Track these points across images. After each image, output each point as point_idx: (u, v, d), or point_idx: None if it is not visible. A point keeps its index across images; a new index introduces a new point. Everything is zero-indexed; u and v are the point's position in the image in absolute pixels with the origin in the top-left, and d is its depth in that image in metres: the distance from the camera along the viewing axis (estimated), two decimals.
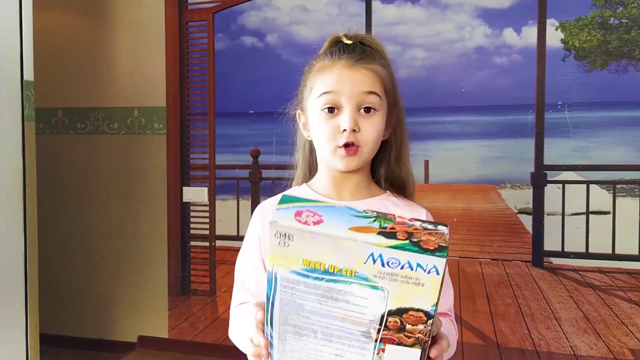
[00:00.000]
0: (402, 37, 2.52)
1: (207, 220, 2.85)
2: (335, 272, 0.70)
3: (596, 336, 2.31)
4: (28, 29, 2.01)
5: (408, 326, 0.72)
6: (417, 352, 0.73)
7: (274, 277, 0.73)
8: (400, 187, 1.08)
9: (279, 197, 1.08)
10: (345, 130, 0.95)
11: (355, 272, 0.70)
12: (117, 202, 2.96)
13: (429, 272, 0.68)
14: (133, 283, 2.96)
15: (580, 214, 2.35)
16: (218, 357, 2.73)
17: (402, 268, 0.68)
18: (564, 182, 2.37)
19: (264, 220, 1.03)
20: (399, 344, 0.73)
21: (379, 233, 0.70)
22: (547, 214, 2.38)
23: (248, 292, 1.03)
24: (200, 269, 2.87)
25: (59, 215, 3.03)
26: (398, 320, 0.72)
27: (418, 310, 0.70)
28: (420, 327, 0.72)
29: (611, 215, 2.31)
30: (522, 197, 2.41)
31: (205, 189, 2.84)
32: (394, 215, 0.73)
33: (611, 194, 2.31)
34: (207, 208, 2.85)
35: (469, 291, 2.47)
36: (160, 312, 2.92)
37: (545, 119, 2.36)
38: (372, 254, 0.69)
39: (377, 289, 0.70)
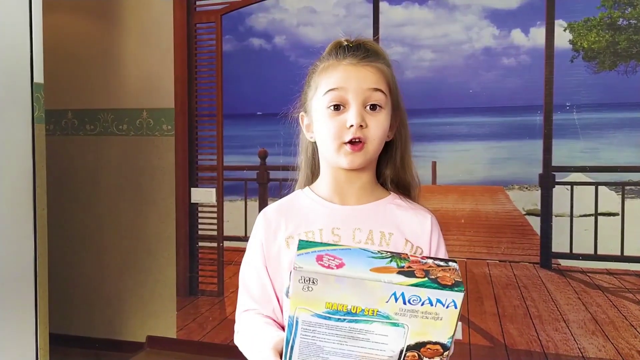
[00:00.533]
0: (409, 38, 2.52)
1: (215, 221, 2.86)
2: (357, 312, 0.73)
3: (605, 338, 2.30)
4: (38, 32, 2.03)
5: (425, 359, 0.75)
6: None
7: (295, 322, 0.75)
8: (405, 189, 1.08)
9: (280, 202, 1.09)
10: (352, 126, 0.96)
11: (378, 311, 0.73)
12: (126, 202, 2.98)
13: (447, 307, 0.72)
14: (142, 283, 2.98)
15: (589, 215, 2.34)
16: (226, 358, 2.74)
17: (422, 304, 0.72)
18: (572, 184, 2.36)
19: (267, 227, 1.04)
20: None
21: (399, 272, 0.73)
22: (555, 216, 2.38)
23: (252, 299, 1.04)
24: (208, 270, 2.88)
25: (68, 216, 3.05)
26: (416, 355, 0.75)
27: (435, 343, 0.74)
28: (437, 359, 0.75)
29: (620, 216, 2.30)
30: (530, 199, 2.40)
31: (214, 190, 2.85)
32: (406, 254, 0.78)
33: (620, 196, 2.30)
34: (215, 209, 2.86)
35: (477, 293, 2.47)
36: (168, 312, 2.94)
37: (554, 120, 2.35)
38: (394, 293, 0.72)
39: (398, 325, 0.73)
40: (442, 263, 0.77)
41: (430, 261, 0.77)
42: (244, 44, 2.77)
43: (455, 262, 0.78)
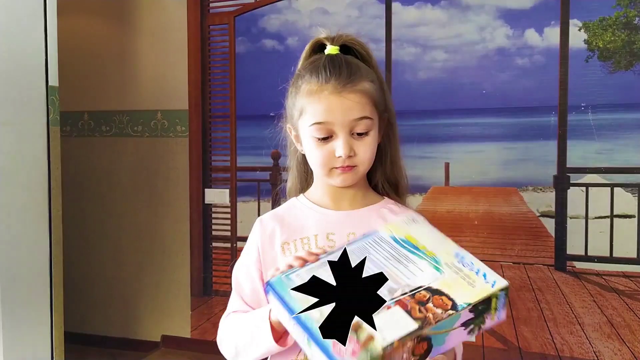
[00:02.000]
0: (422, 38, 2.50)
1: (228, 221, 2.87)
2: (421, 249, 0.84)
3: (620, 342, 2.27)
4: (52, 35, 2.06)
5: (430, 304, 0.77)
6: (414, 324, 0.75)
7: (372, 233, 0.87)
8: (393, 186, 1.09)
9: (277, 210, 1.09)
10: (340, 156, 0.96)
11: (435, 255, 0.82)
12: (141, 203, 3.01)
13: (487, 282, 0.79)
14: (156, 283, 3.01)
15: (604, 217, 2.31)
16: None
17: (470, 269, 0.80)
18: (587, 185, 2.33)
19: (264, 233, 1.05)
20: (408, 311, 0.76)
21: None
22: (570, 217, 2.35)
23: (244, 302, 1.04)
24: (221, 270, 2.90)
25: (85, 216, 3.09)
26: (428, 295, 0.78)
27: (451, 298, 0.77)
28: (439, 311, 0.76)
29: (636, 218, 2.26)
30: (545, 200, 2.38)
31: (227, 191, 2.87)
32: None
33: (636, 197, 2.27)
34: (228, 210, 2.87)
35: None
36: (183, 312, 2.96)
37: (568, 120, 2.32)
38: (458, 253, 0.83)
39: (438, 270, 0.80)
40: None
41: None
42: (256, 46, 2.78)
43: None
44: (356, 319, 0.75)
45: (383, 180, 1.07)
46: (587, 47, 2.29)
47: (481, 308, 0.77)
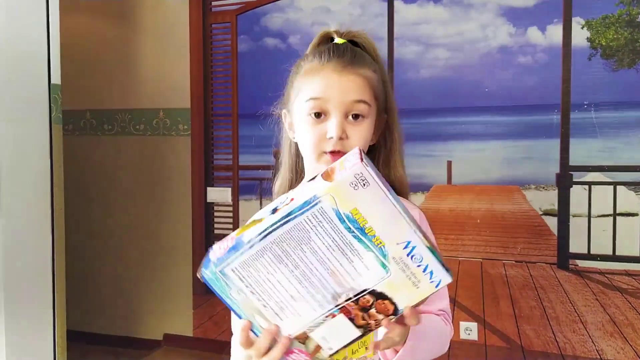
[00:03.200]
0: (424, 37, 2.50)
1: (230, 220, 2.87)
2: (368, 234, 0.72)
3: (623, 340, 2.26)
4: (55, 33, 2.06)
5: (372, 310, 0.75)
6: (356, 332, 0.77)
7: (313, 203, 0.71)
8: (392, 182, 1.04)
9: (268, 206, 1.07)
10: (332, 137, 0.93)
11: (384, 245, 0.73)
12: (143, 201, 3.01)
13: (432, 281, 0.74)
14: (159, 282, 3.00)
15: (607, 215, 2.31)
16: None
17: (418, 266, 0.73)
18: (590, 183, 2.33)
19: None
20: (351, 319, 0.76)
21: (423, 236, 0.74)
22: (573, 216, 2.34)
23: None
24: None
25: (87, 215, 3.09)
26: (371, 300, 0.75)
27: (393, 302, 0.75)
28: (380, 317, 0.76)
29: (639, 217, 2.26)
30: (547, 199, 2.37)
31: (229, 190, 2.87)
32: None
33: (639, 196, 2.26)
34: (230, 208, 2.87)
35: (493, 293, 2.44)
36: (185, 310, 2.96)
37: (571, 119, 2.32)
38: (409, 243, 0.73)
39: (385, 269, 0.74)
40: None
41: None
42: (259, 44, 2.78)
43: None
44: (297, 327, 0.77)
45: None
46: (589, 45, 2.28)
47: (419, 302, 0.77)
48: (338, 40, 1.00)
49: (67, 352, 2.19)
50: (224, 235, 2.84)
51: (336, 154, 0.93)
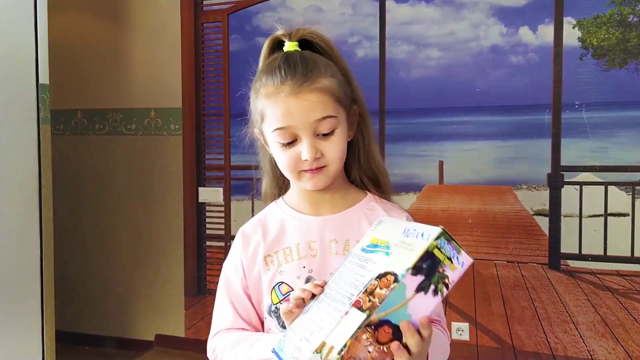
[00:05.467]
0: (416, 36, 2.49)
1: (222, 220, 2.86)
2: (377, 244, 0.82)
3: (614, 341, 2.26)
4: (43, 33, 2.05)
5: (377, 290, 0.75)
6: (361, 316, 0.74)
7: (349, 256, 0.85)
8: (375, 183, 1.05)
9: (258, 218, 1.06)
10: (306, 160, 0.92)
11: (388, 242, 0.80)
12: (135, 202, 3.00)
13: (421, 238, 0.76)
14: (150, 282, 2.99)
15: (598, 215, 2.30)
16: None
17: (415, 237, 0.77)
18: (581, 184, 2.32)
19: (247, 246, 1.02)
20: (360, 307, 0.75)
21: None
22: (564, 216, 2.34)
23: (234, 318, 1.00)
24: (215, 269, 2.88)
25: (78, 215, 3.08)
26: (376, 283, 0.75)
27: (393, 273, 0.74)
28: (383, 291, 0.74)
29: (630, 217, 2.26)
30: (539, 199, 2.37)
31: (221, 189, 2.86)
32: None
33: (630, 196, 2.26)
34: (222, 208, 2.86)
35: (484, 294, 2.44)
36: (177, 311, 2.95)
37: (562, 119, 2.31)
38: (407, 229, 0.80)
39: (388, 255, 0.78)
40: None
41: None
42: (250, 43, 2.77)
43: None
44: (319, 340, 0.75)
45: (361, 175, 1.04)
46: (581, 44, 2.28)
47: (427, 265, 0.74)
48: (288, 45, 0.97)
49: (58, 353, 2.17)
50: (216, 236, 2.82)
51: (315, 171, 0.93)
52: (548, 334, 2.35)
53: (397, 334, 0.74)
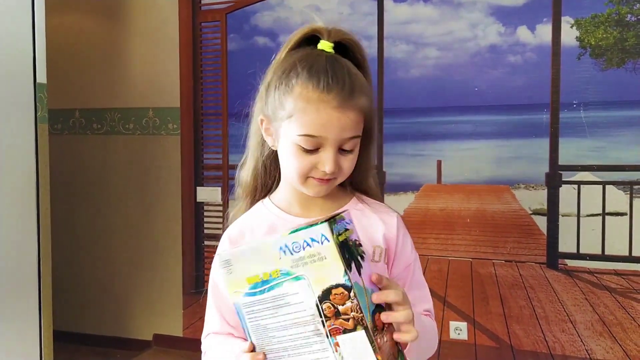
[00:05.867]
0: (414, 36, 2.49)
1: (220, 220, 2.86)
2: (267, 278, 0.76)
3: (612, 340, 2.26)
4: (41, 32, 2.04)
5: (340, 307, 0.74)
6: (361, 333, 0.74)
7: (236, 308, 0.80)
8: (364, 191, 1.04)
9: (243, 220, 1.02)
10: (325, 170, 0.89)
11: (279, 270, 0.76)
12: (133, 201, 2.99)
13: (321, 243, 0.73)
14: (149, 282, 2.99)
15: (596, 215, 2.31)
16: None
17: (304, 249, 0.74)
18: (579, 183, 2.33)
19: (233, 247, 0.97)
20: (344, 331, 0.75)
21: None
22: (562, 215, 2.34)
23: (221, 322, 0.99)
24: None
25: (76, 214, 3.08)
26: (330, 305, 0.75)
27: (337, 286, 0.74)
28: (348, 304, 0.74)
29: (628, 216, 2.26)
30: (537, 198, 2.37)
31: (219, 189, 2.85)
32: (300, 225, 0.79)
33: (628, 195, 2.26)
34: (220, 208, 2.86)
35: (482, 293, 2.44)
36: (175, 310, 2.95)
37: (560, 118, 2.32)
38: (280, 247, 0.75)
39: (300, 278, 0.75)
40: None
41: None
42: (248, 43, 2.77)
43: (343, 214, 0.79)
44: None
45: (351, 181, 1.01)
46: (579, 44, 2.28)
47: (348, 254, 0.74)
48: (324, 44, 0.93)
49: (55, 352, 2.17)
50: (214, 235, 2.81)
51: (325, 180, 0.92)
52: (546, 333, 2.35)
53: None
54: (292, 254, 0.74)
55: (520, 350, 2.38)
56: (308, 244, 0.74)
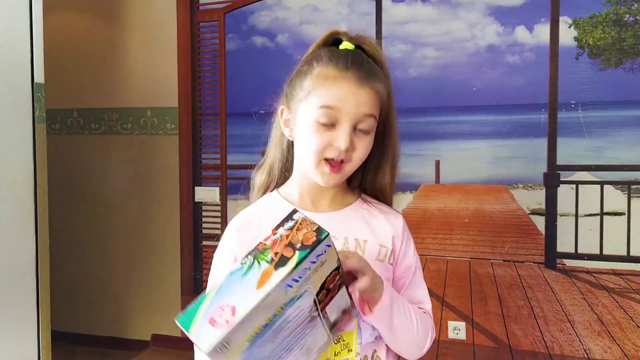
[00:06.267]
0: (412, 36, 2.49)
1: (218, 220, 2.86)
2: (270, 322, 0.72)
3: (610, 339, 2.27)
4: (38, 32, 2.04)
5: (330, 287, 0.78)
6: (343, 290, 0.82)
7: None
8: (376, 195, 1.05)
9: (250, 210, 1.03)
10: (339, 147, 0.91)
11: (283, 305, 0.72)
12: (131, 201, 2.99)
13: (325, 252, 0.73)
14: (147, 282, 2.99)
15: (594, 215, 2.31)
16: None
17: (309, 270, 0.72)
18: (577, 183, 2.33)
19: (241, 239, 0.97)
20: (331, 299, 0.80)
21: (275, 268, 0.70)
22: (560, 215, 2.34)
23: None
24: None
25: (74, 214, 3.07)
26: (325, 292, 0.77)
27: (330, 273, 0.76)
28: (338, 279, 0.79)
29: (626, 216, 2.26)
30: (535, 198, 2.37)
31: (217, 189, 2.85)
32: (263, 243, 0.74)
33: (626, 195, 2.26)
34: (218, 208, 2.86)
35: (481, 293, 2.44)
36: (173, 310, 2.94)
37: (558, 118, 2.32)
38: (285, 286, 0.70)
39: (304, 295, 0.74)
40: (290, 223, 0.75)
41: (281, 230, 0.75)
42: (247, 43, 2.76)
43: (296, 210, 0.76)
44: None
45: (363, 181, 1.04)
46: (577, 44, 2.28)
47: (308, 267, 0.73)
48: (346, 44, 0.97)
49: (53, 352, 2.16)
50: (213, 235, 2.80)
51: (335, 164, 0.93)
52: (544, 333, 2.35)
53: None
54: (297, 281, 0.71)
55: (518, 350, 2.38)
56: (313, 262, 0.72)
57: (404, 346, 0.97)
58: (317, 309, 0.78)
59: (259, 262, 0.72)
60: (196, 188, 2.88)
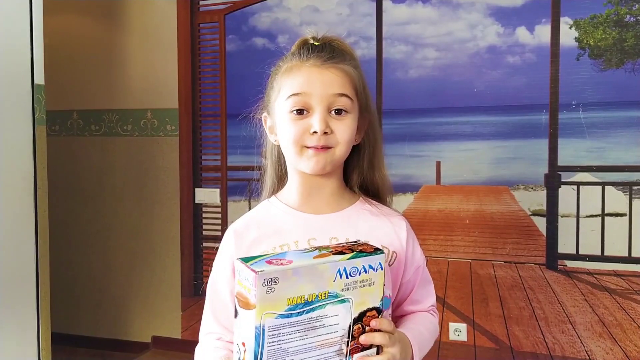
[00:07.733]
0: (413, 36, 2.49)
1: (219, 221, 2.85)
2: (312, 300, 0.77)
3: (612, 341, 2.26)
4: (38, 33, 2.03)
5: (367, 328, 0.82)
6: (373, 351, 0.84)
7: (262, 331, 0.75)
8: (374, 193, 1.05)
9: (249, 216, 1.04)
10: (315, 132, 0.91)
11: (328, 292, 0.78)
12: (131, 203, 2.99)
13: (376, 270, 0.81)
14: (147, 284, 2.98)
15: (596, 216, 2.30)
16: None
17: (359, 274, 0.80)
18: (578, 184, 2.32)
19: (240, 244, 0.98)
20: (363, 349, 0.83)
21: (334, 254, 0.80)
22: (562, 216, 2.34)
23: (217, 322, 1.00)
24: None
25: (74, 216, 3.07)
26: (360, 327, 0.81)
27: (372, 309, 0.82)
28: (374, 322, 0.82)
29: (627, 217, 2.26)
30: (536, 199, 2.37)
31: (217, 190, 2.85)
32: (327, 245, 0.86)
33: (627, 196, 2.26)
34: (219, 209, 2.85)
35: (482, 294, 2.44)
36: (173, 312, 2.94)
37: (560, 119, 2.31)
38: (338, 270, 0.78)
39: (345, 301, 0.79)
40: (353, 242, 0.87)
41: (344, 242, 0.87)
42: (247, 44, 2.76)
43: (357, 240, 0.88)
44: None
45: (360, 180, 1.03)
46: (578, 45, 2.28)
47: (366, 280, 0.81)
48: (311, 40, 1.00)
49: (53, 354, 2.16)
50: (213, 237, 2.80)
51: (320, 149, 0.92)
52: (545, 334, 2.35)
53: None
54: (347, 277, 0.79)
55: (519, 352, 2.38)
56: (365, 270, 0.80)
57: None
58: (347, 343, 0.80)
59: (319, 250, 0.82)
60: (196, 189, 2.88)
